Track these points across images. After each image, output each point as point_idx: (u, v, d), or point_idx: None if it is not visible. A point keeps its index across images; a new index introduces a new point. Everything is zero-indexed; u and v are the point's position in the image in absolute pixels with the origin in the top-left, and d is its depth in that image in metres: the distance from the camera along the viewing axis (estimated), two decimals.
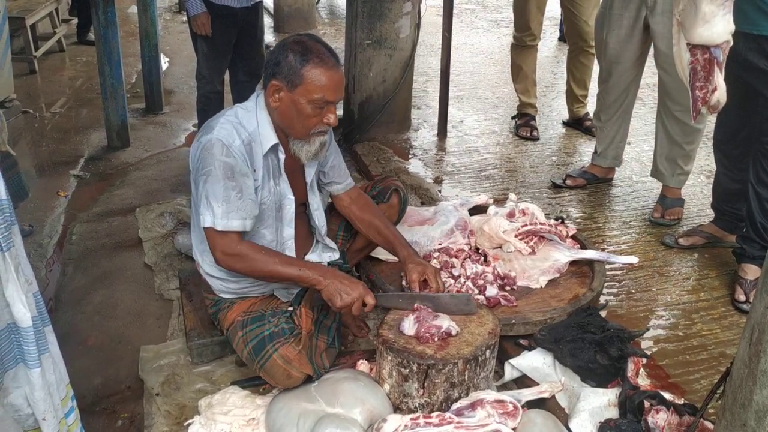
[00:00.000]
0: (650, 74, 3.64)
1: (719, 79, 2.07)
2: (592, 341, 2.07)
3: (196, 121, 4.46)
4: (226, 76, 4.02)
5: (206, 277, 2.26)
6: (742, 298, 2.67)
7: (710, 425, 1.86)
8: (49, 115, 4.96)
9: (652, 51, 3.33)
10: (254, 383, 2.22)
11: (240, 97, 3.92)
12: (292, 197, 2.20)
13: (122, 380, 2.35)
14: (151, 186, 3.86)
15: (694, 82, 2.06)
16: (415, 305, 2.12)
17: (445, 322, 2.04)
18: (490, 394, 1.93)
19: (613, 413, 1.96)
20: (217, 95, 3.94)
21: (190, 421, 2.06)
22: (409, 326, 2.06)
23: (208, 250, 2.11)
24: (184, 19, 7.77)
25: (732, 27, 2.01)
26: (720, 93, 2.07)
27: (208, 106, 3.82)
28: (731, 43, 2.06)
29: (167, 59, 6.37)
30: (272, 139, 2.10)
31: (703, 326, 2.56)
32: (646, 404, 1.90)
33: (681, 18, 2.04)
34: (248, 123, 2.09)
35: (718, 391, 1.68)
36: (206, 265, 2.23)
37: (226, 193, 1.99)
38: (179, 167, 4.08)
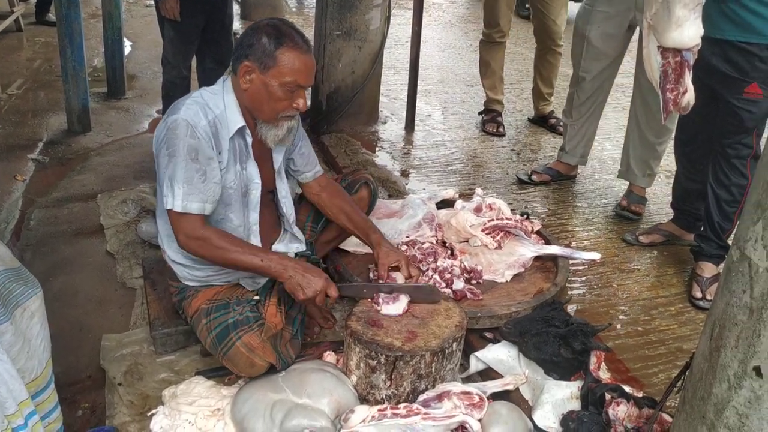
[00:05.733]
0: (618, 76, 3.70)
1: (689, 81, 2.12)
2: (556, 335, 2.11)
3: (160, 107, 4.38)
4: (193, 63, 3.95)
5: (171, 264, 2.23)
6: (699, 295, 2.76)
7: (668, 417, 1.92)
8: (5, 97, 4.80)
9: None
10: (219, 373, 2.20)
11: (207, 84, 3.82)
12: (259, 182, 2.18)
13: (83, 369, 2.29)
14: (113, 172, 3.77)
15: (665, 85, 2.12)
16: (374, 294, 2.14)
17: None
18: (457, 386, 1.95)
19: (576, 405, 2.00)
20: (183, 81, 3.87)
21: (153, 411, 2.02)
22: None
23: (173, 235, 2.08)
24: (148, 2, 7.62)
25: (701, 30, 2.06)
26: (690, 95, 2.13)
27: (174, 92, 3.75)
28: (700, 46, 2.11)
29: (130, 43, 6.24)
30: (239, 121, 2.08)
31: (662, 322, 2.63)
32: (607, 397, 1.95)
33: (653, 22, 2.08)
34: (215, 105, 2.07)
35: (677, 385, 1.73)
36: (171, 251, 2.20)
37: (188, 175, 1.97)
38: (142, 154, 4.00)
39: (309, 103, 4.35)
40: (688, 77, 2.12)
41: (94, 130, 4.32)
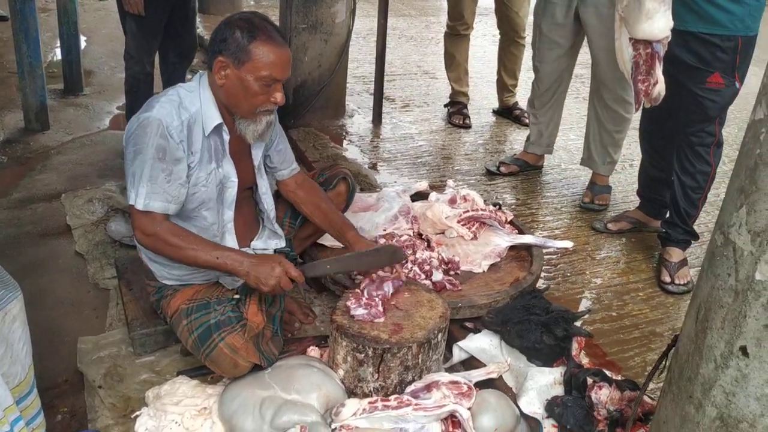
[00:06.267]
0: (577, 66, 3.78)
1: (659, 72, 2.18)
2: (538, 322, 2.15)
3: (121, 103, 4.28)
4: (156, 58, 3.86)
5: (149, 262, 2.19)
6: (668, 279, 2.84)
7: (648, 399, 1.98)
8: None
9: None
10: (202, 372, 2.17)
11: (170, 79, 3.77)
12: (236, 180, 2.16)
13: (59, 373, 2.23)
14: (76, 171, 3.67)
15: (637, 76, 2.17)
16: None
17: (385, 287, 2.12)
18: (445, 376, 1.98)
19: (559, 391, 2.05)
20: (147, 77, 3.76)
21: (137, 412, 1.99)
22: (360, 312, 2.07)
23: None
24: None
25: (671, 23, 2.12)
26: (660, 86, 2.19)
27: (137, 88, 3.66)
28: (670, 38, 2.17)
29: (85, 38, 6.05)
30: (216, 118, 2.06)
31: (634, 306, 2.71)
32: (590, 381, 2.00)
33: (624, 14, 2.13)
34: (191, 104, 2.04)
35: (659, 367, 1.79)
36: (148, 250, 2.16)
37: (153, 173, 1.95)
38: (105, 151, 3.91)
39: None
40: (658, 68, 2.18)
41: (52, 127, 4.20)
